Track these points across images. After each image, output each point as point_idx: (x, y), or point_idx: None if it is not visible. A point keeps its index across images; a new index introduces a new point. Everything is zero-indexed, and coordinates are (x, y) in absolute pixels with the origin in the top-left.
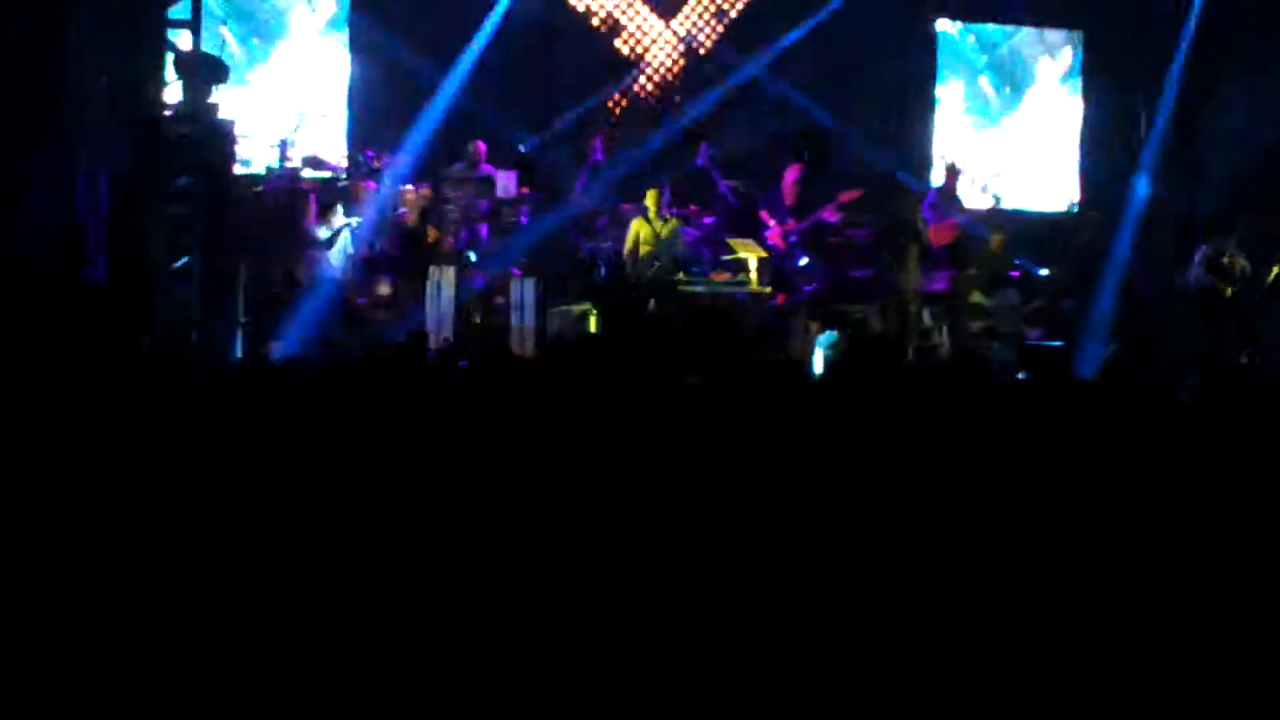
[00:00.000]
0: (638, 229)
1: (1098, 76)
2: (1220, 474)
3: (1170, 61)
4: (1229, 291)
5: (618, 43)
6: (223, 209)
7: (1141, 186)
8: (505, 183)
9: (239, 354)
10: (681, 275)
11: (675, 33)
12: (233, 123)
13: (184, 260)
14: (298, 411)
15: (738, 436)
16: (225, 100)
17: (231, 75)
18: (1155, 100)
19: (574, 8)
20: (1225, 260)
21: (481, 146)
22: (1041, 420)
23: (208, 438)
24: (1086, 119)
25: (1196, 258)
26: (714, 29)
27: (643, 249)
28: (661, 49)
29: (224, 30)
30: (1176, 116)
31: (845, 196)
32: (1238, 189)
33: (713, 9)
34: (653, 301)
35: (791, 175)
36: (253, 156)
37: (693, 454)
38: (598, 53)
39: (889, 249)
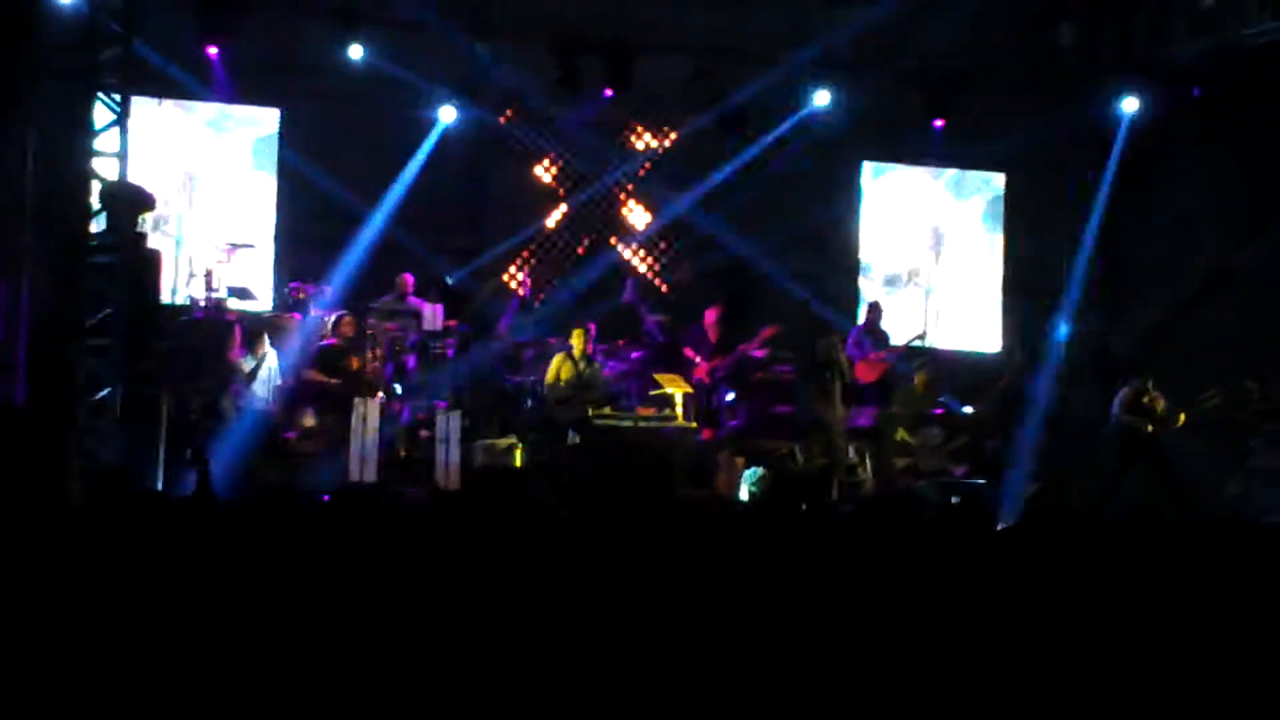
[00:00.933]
0: (559, 365)
1: (1020, 219)
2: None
3: (1090, 204)
4: (1150, 429)
5: (546, 178)
6: (147, 339)
7: (1062, 327)
8: (432, 315)
9: (159, 485)
10: (608, 409)
11: (605, 168)
12: (158, 253)
13: (106, 390)
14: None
15: (664, 569)
16: (150, 229)
17: (158, 204)
18: (1076, 242)
19: (502, 144)
20: (1146, 400)
21: (409, 279)
22: (965, 558)
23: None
24: (1008, 260)
25: (1118, 398)
26: (641, 165)
27: (563, 386)
28: (590, 185)
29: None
30: (1096, 258)
31: (766, 333)
32: (1157, 329)
33: (642, 147)
34: (574, 435)
35: (712, 315)
36: (177, 287)
37: (620, 588)
38: (525, 188)
39: (813, 385)
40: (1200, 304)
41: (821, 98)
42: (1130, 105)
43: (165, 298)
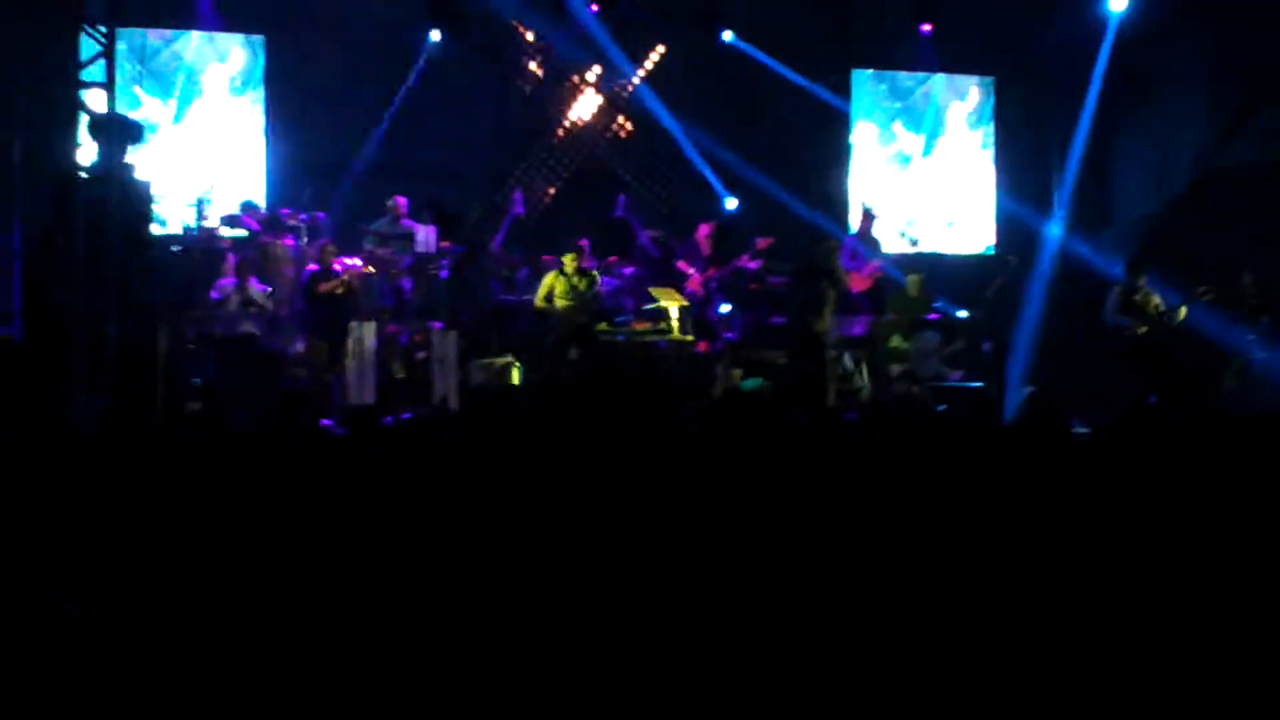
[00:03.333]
0: (551, 282)
1: (1009, 122)
2: (1126, 514)
3: (1080, 106)
4: (1144, 330)
5: (535, 96)
6: (139, 271)
7: (1055, 228)
8: (425, 236)
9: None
10: (604, 324)
11: (593, 84)
12: (149, 184)
13: (103, 321)
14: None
15: (669, 482)
16: (140, 160)
17: (146, 134)
18: (1066, 144)
19: (490, 64)
20: (1138, 299)
21: (402, 201)
22: (962, 461)
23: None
24: (999, 164)
25: (1110, 298)
26: (630, 80)
27: (558, 302)
28: (580, 100)
29: (138, 90)
30: (1087, 159)
31: (761, 244)
32: (1149, 229)
33: (630, 59)
34: (574, 350)
35: (705, 229)
36: (169, 216)
37: (626, 501)
38: (517, 106)
39: (805, 295)
40: (1192, 201)
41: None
42: (1118, 5)
43: (156, 228)
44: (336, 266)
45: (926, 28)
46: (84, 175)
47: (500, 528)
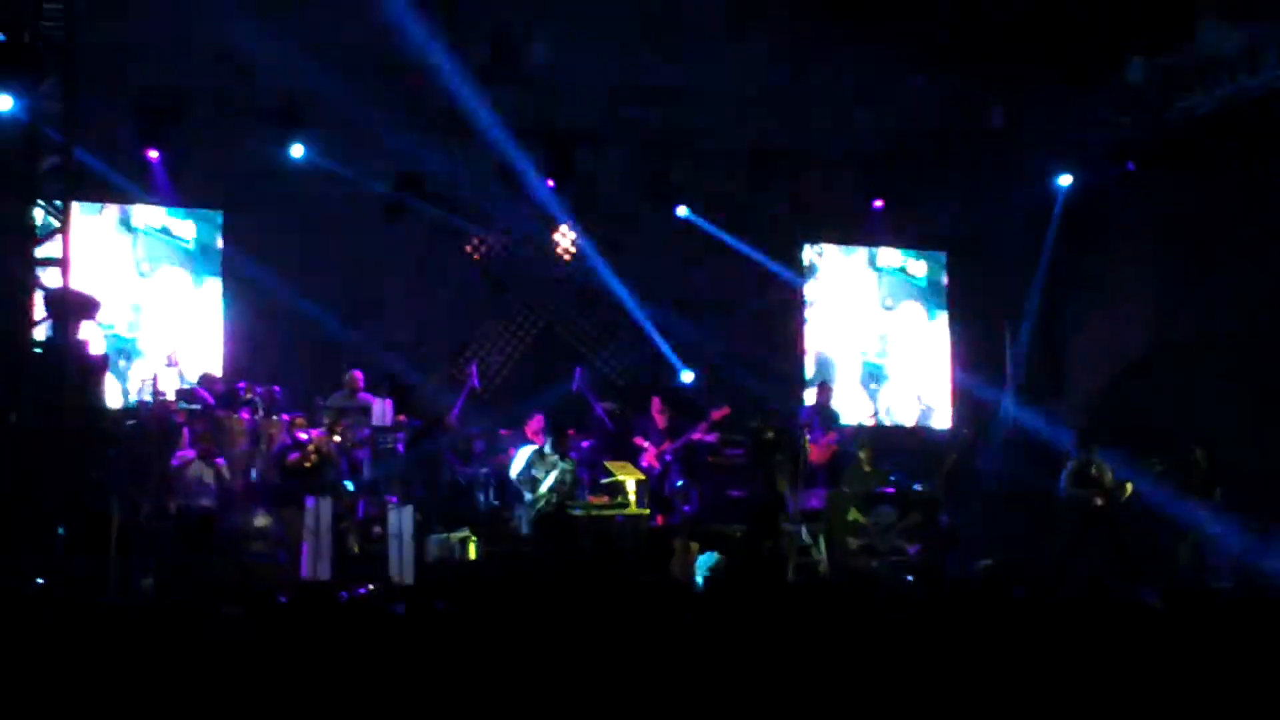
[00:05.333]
0: (532, 460)
1: (962, 296)
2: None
3: (1031, 279)
4: (1099, 501)
5: (491, 270)
6: (94, 446)
7: (1008, 403)
8: (382, 410)
9: (111, 592)
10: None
11: (549, 257)
12: (105, 358)
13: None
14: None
15: (624, 653)
16: (94, 334)
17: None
18: (1018, 316)
19: (446, 237)
20: (1094, 472)
21: (359, 375)
22: (926, 631)
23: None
24: (954, 337)
25: (1065, 470)
26: (585, 253)
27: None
28: (534, 276)
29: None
30: (1039, 331)
31: (717, 414)
32: (1101, 400)
33: (586, 234)
34: (528, 527)
35: (658, 402)
36: (125, 390)
37: (588, 674)
38: (470, 279)
39: (763, 467)
40: (1143, 373)
41: (761, 184)
42: (1065, 181)
43: (111, 402)
44: (301, 436)
45: (878, 203)
46: (38, 350)
47: (464, 698)
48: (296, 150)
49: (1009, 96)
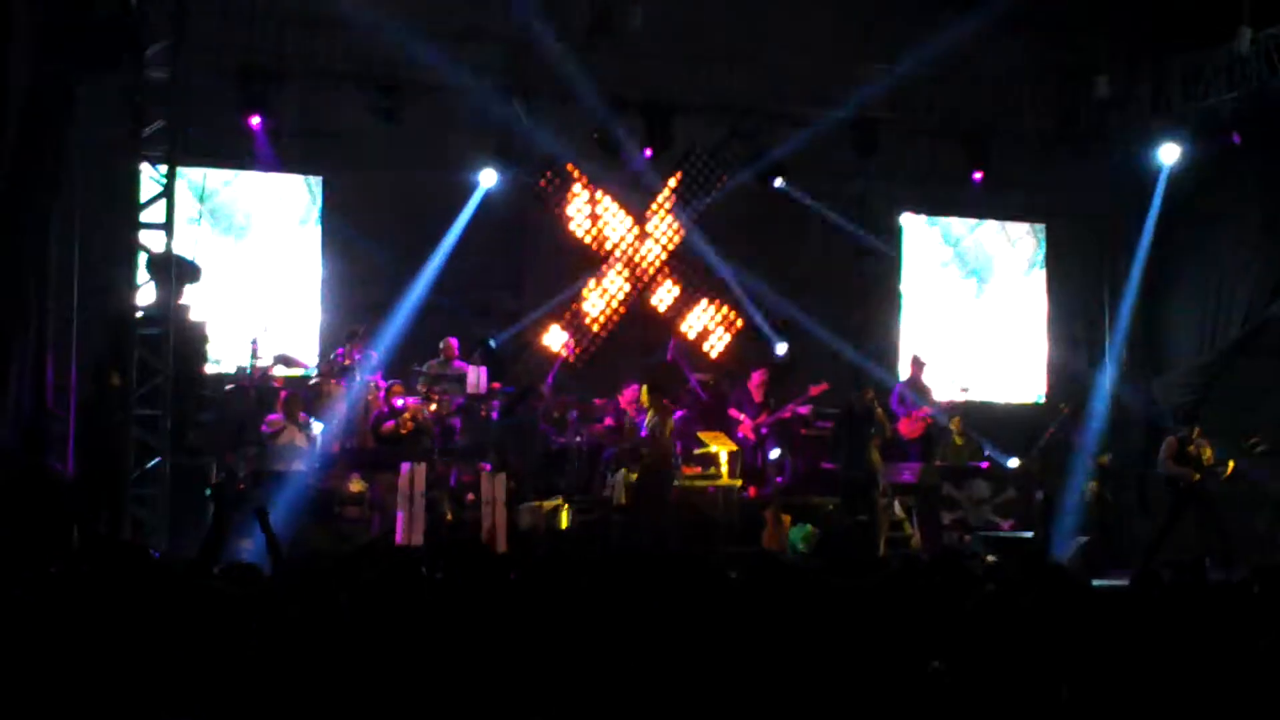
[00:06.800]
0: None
1: (1061, 270)
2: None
3: (1132, 254)
4: (1196, 479)
5: (588, 239)
6: (192, 410)
7: (1106, 378)
8: (477, 377)
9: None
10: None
11: (646, 230)
12: (204, 324)
13: (155, 460)
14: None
15: (712, 627)
16: (197, 299)
17: (203, 275)
18: (1118, 292)
19: (544, 206)
20: (1191, 449)
21: (454, 342)
22: (1016, 614)
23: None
24: (1051, 311)
25: (1163, 448)
26: (684, 225)
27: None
28: (632, 245)
29: (199, 227)
30: (1139, 307)
31: (815, 390)
32: (1201, 378)
33: (682, 205)
34: (620, 496)
35: (758, 377)
36: (223, 355)
37: (677, 649)
38: (566, 249)
39: (848, 441)
40: (1244, 351)
41: (860, 156)
42: (1169, 154)
43: (211, 367)
44: (397, 403)
45: (978, 175)
46: (140, 314)
47: (544, 670)
48: (394, 117)
49: (1114, 66)
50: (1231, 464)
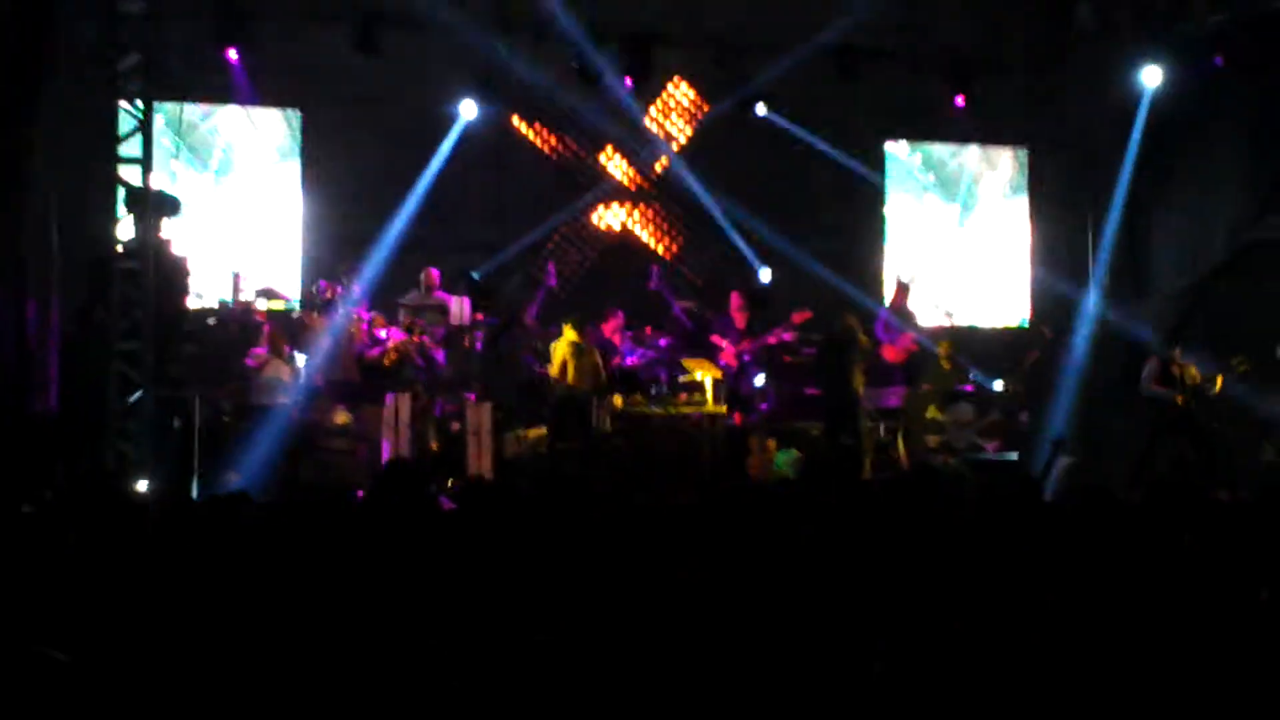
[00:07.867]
0: (563, 353)
1: (1044, 193)
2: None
3: (1115, 176)
4: (1181, 400)
5: (568, 169)
6: (175, 343)
7: (1091, 300)
8: (459, 308)
9: (195, 490)
10: (638, 396)
11: (626, 157)
12: (185, 258)
13: (137, 394)
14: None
15: (701, 552)
16: (177, 233)
17: (183, 208)
18: (1101, 215)
19: (525, 136)
20: (1175, 370)
21: (435, 273)
22: (1000, 533)
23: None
24: (1035, 235)
25: (1147, 369)
26: (665, 154)
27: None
28: (612, 174)
29: (175, 163)
30: (1123, 230)
31: (798, 317)
32: (1185, 300)
33: (662, 134)
34: (608, 421)
35: (737, 300)
36: (204, 290)
37: (661, 577)
38: (549, 178)
39: (834, 365)
40: (1228, 273)
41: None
42: (1152, 78)
43: (192, 301)
44: (380, 334)
45: (960, 99)
46: (120, 249)
47: (536, 598)
48: (373, 50)
49: None
50: (1220, 379)
